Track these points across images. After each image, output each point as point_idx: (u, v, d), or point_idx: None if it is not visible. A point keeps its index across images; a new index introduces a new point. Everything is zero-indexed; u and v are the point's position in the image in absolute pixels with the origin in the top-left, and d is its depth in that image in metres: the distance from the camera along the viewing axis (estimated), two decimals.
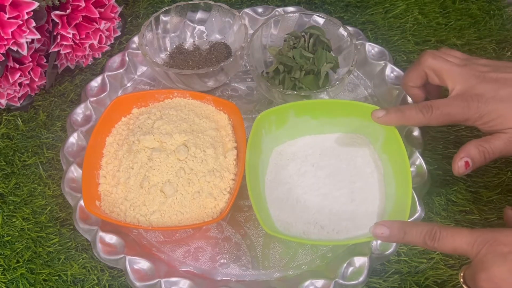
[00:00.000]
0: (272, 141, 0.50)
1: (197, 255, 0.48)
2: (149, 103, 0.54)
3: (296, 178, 0.48)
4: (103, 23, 0.58)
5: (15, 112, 0.58)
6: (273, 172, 0.49)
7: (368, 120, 0.46)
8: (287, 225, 0.45)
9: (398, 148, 0.45)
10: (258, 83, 0.54)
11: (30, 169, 0.54)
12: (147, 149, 0.48)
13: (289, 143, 0.51)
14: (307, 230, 0.45)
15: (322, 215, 0.45)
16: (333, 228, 0.44)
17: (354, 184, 0.47)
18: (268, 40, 0.59)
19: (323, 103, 0.50)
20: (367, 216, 0.45)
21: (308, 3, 0.69)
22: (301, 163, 0.49)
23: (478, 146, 0.42)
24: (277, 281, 0.46)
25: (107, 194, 0.48)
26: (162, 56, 0.61)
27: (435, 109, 0.43)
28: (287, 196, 0.47)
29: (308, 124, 0.50)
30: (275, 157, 0.50)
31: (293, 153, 0.50)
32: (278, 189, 0.48)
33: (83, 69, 0.63)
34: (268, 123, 0.48)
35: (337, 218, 0.45)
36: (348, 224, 0.44)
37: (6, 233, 0.49)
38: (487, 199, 0.51)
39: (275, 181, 0.48)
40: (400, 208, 0.43)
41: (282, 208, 0.46)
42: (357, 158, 0.49)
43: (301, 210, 0.46)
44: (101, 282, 0.46)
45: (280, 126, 0.50)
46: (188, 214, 0.46)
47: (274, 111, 0.48)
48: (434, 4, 0.69)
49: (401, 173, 0.44)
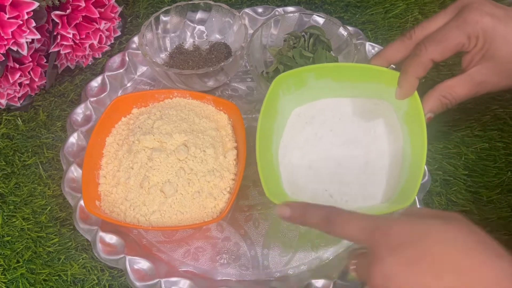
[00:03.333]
0: (291, 102, 0.47)
1: (197, 255, 0.48)
2: (149, 103, 0.54)
3: (312, 143, 0.47)
4: (103, 23, 0.58)
5: (15, 112, 0.58)
6: (289, 135, 0.47)
7: (393, 86, 0.43)
8: (296, 189, 0.44)
9: (418, 121, 0.42)
10: (258, 83, 0.54)
11: (30, 169, 0.54)
12: (147, 149, 0.48)
13: (309, 105, 0.48)
14: (315, 197, 0.44)
15: (332, 183, 0.44)
16: (341, 197, 0.44)
17: (369, 154, 0.46)
18: (268, 40, 0.59)
19: (345, 67, 0.46)
20: (377, 187, 0.44)
21: (308, 3, 0.69)
22: (319, 127, 0.47)
23: (440, 98, 0.41)
24: (277, 281, 0.46)
25: (107, 194, 0.48)
26: (162, 56, 0.61)
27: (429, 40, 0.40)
28: (300, 161, 0.46)
29: (329, 86, 0.47)
30: (293, 119, 0.48)
31: (312, 116, 0.48)
32: (292, 153, 0.47)
33: (83, 69, 0.63)
34: (286, 85, 0.46)
35: (347, 187, 0.44)
36: (358, 194, 0.44)
37: (6, 233, 0.49)
38: (487, 199, 0.51)
39: (290, 144, 0.47)
40: (409, 187, 0.41)
41: (293, 172, 0.45)
42: (378, 126, 0.47)
43: (312, 176, 0.45)
44: (101, 282, 0.46)
45: (300, 87, 0.47)
46: (188, 214, 0.46)
47: (293, 74, 0.45)
48: (434, 4, 0.69)
49: (417, 148, 0.42)
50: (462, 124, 0.56)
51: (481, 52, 0.40)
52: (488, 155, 0.54)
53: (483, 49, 0.40)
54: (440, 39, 0.40)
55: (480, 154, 0.54)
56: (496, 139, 0.55)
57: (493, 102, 0.58)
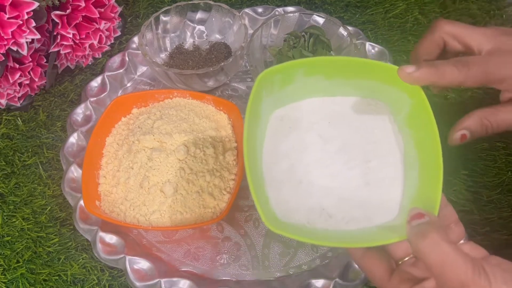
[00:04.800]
0: (272, 104, 0.40)
1: (197, 255, 0.48)
2: (149, 103, 0.54)
3: (299, 152, 0.39)
4: (103, 23, 0.58)
5: (15, 112, 0.58)
6: (271, 143, 0.39)
7: (392, 85, 0.38)
8: (288, 212, 0.37)
9: (426, 123, 0.36)
10: None
11: (30, 169, 0.54)
12: (147, 149, 0.48)
13: (293, 106, 0.41)
14: (312, 218, 0.37)
15: (330, 200, 0.37)
16: (342, 217, 0.36)
17: (370, 162, 0.39)
18: (268, 40, 0.59)
19: (340, 61, 0.40)
20: (383, 204, 0.37)
21: (308, 3, 0.69)
22: (305, 133, 0.40)
23: (482, 118, 0.38)
24: (277, 281, 0.46)
25: (107, 194, 0.48)
26: (162, 56, 0.61)
27: (471, 65, 0.36)
28: (288, 175, 0.38)
29: (318, 84, 0.40)
30: (274, 124, 0.40)
31: (296, 119, 0.40)
32: (277, 166, 0.39)
33: (83, 69, 0.63)
34: (270, 83, 0.38)
35: (348, 205, 0.37)
36: (360, 213, 0.36)
37: (6, 233, 0.49)
38: (487, 199, 0.51)
39: (273, 155, 0.39)
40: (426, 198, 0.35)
41: (281, 190, 0.37)
42: (375, 130, 0.40)
43: (305, 194, 0.38)
44: (101, 282, 0.46)
45: (283, 87, 0.39)
46: (188, 214, 0.46)
47: (280, 69, 0.38)
48: (434, 4, 0.69)
49: (427, 153, 0.36)
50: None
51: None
52: (488, 155, 0.54)
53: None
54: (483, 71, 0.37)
55: (480, 154, 0.54)
56: (496, 139, 0.55)
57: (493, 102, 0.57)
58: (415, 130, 0.38)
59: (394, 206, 0.37)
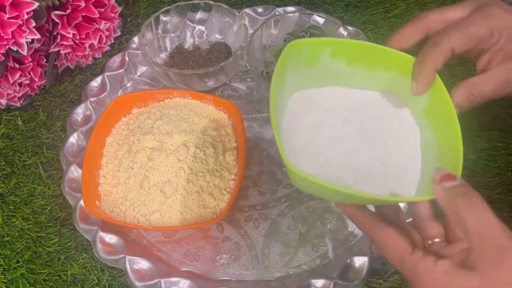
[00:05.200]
0: (296, 82, 0.41)
1: (197, 255, 0.48)
2: (149, 103, 0.54)
3: (319, 127, 0.40)
4: (103, 23, 0.58)
5: (15, 112, 0.58)
6: (290, 118, 0.40)
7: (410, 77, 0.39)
8: None
9: (446, 114, 0.37)
10: (258, 83, 0.54)
11: (30, 169, 0.54)
12: (147, 149, 0.48)
13: (314, 91, 0.42)
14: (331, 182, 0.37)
15: (347, 172, 0.37)
16: (359, 189, 0.35)
17: (386, 145, 0.39)
18: (268, 40, 0.59)
19: (365, 46, 0.40)
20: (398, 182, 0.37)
21: (308, 3, 0.69)
22: (325, 114, 0.41)
23: (467, 93, 0.39)
24: (277, 281, 0.46)
25: (107, 194, 0.48)
26: (162, 56, 0.61)
27: (453, 28, 0.38)
28: (306, 147, 0.39)
29: (340, 71, 0.41)
30: (294, 103, 0.41)
31: (317, 103, 0.42)
32: (297, 138, 0.39)
33: (83, 69, 0.63)
34: (297, 55, 0.39)
35: (365, 179, 0.37)
36: (378, 188, 0.37)
37: (6, 233, 0.49)
38: (487, 199, 0.50)
39: (293, 128, 0.39)
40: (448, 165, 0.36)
41: (298, 158, 0.37)
42: (393, 120, 0.41)
43: (322, 163, 0.38)
44: (101, 282, 0.46)
45: (309, 65, 0.40)
46: (188, 214, 0.46)
47: (310, 42, 0.39)
48: (434, 4, 0.69)
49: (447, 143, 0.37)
50: (462, 124, 0.56)
51: (503, 51, 0.38)
52: (488, 155, 0.54)
53: (505, 48, 0.38)
54: (465, 29, 0.38)
55: (480, 154, 0.54)
56: (496, 139, 0.55)
57: (493, 102, 0.57)
58: (433, 119, 0.39)
59: (412, 187, 0.37)
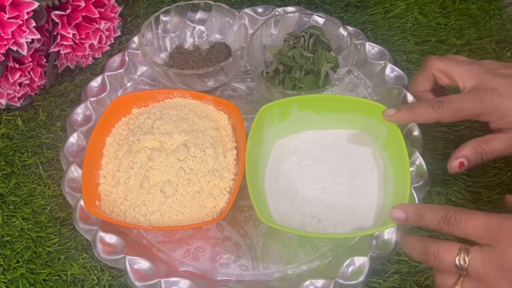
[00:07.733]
0: (274, 134, 0.50)
1: (197, 255, 0.48)
2: (149, 103, 0.54)
3: (296, 172, 0.48)
4: (103, 23, 0.58)
5: (15, 112, 0.58)
6: (273, 164, 0.49)
7: (371, 117, 0.47)
8: (285, 217, 0.46)
9: (399, 147, 0.45)
10: (258, 83, 0.54)
11: (30, 169, 0.54)
12: (147, 149, 0.48)
13: (291, 137, 0.51)
14: (304, 223, 0.45)
15: (320, 208, 0.46)
16: (330, 222, 0.45)
17: (354, 180, 0.48)
18: (268, 40, 0.59)
19: (327, 98, 0.50)
20: (364, 212, 0.45)
21: (308, 3, 0.69)
22: (302, 157, 0.49)
23: (476, 146, 0.42)
24: (277, 281, 0.46)
25: (107, 194, 0.48)
26: (162, 56, 0.61)
27: (446, 103, 0.42)
28: (286, 189, 0.47)
29: (311, 118, 0.50)
30: (276, 150, 0.51)
31: (295, 147, 0.51)
32: (278, 181, 0.48)
33: (83, 69, 0.63)
34: (271, 116, 0.49)
35: (335, 212, 0.45)
36: (345, 219, 0.45)
37: (6, 233, 0.49)
38: (487, 199, 0.51)
39: (274, 173, 0.49)
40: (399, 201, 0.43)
41: (280, 200, 0.47)
42: (358, 154, 0.49)
43: (299, 203, 0.46)
44: (101, 282, 0.46)
45: (283, 119, 0.50)
46: (188, 214, 0.46)
47: (278, 104, 0.48)
48: (434, 4, 0.69)
49: (400, 171, 0.45)
50: (462, 124, 0.56)
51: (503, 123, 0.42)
52: None
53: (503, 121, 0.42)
54: None
55: None
56: None
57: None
58: (390, 152, 0.47)
59: (371, 214, 0.45)
